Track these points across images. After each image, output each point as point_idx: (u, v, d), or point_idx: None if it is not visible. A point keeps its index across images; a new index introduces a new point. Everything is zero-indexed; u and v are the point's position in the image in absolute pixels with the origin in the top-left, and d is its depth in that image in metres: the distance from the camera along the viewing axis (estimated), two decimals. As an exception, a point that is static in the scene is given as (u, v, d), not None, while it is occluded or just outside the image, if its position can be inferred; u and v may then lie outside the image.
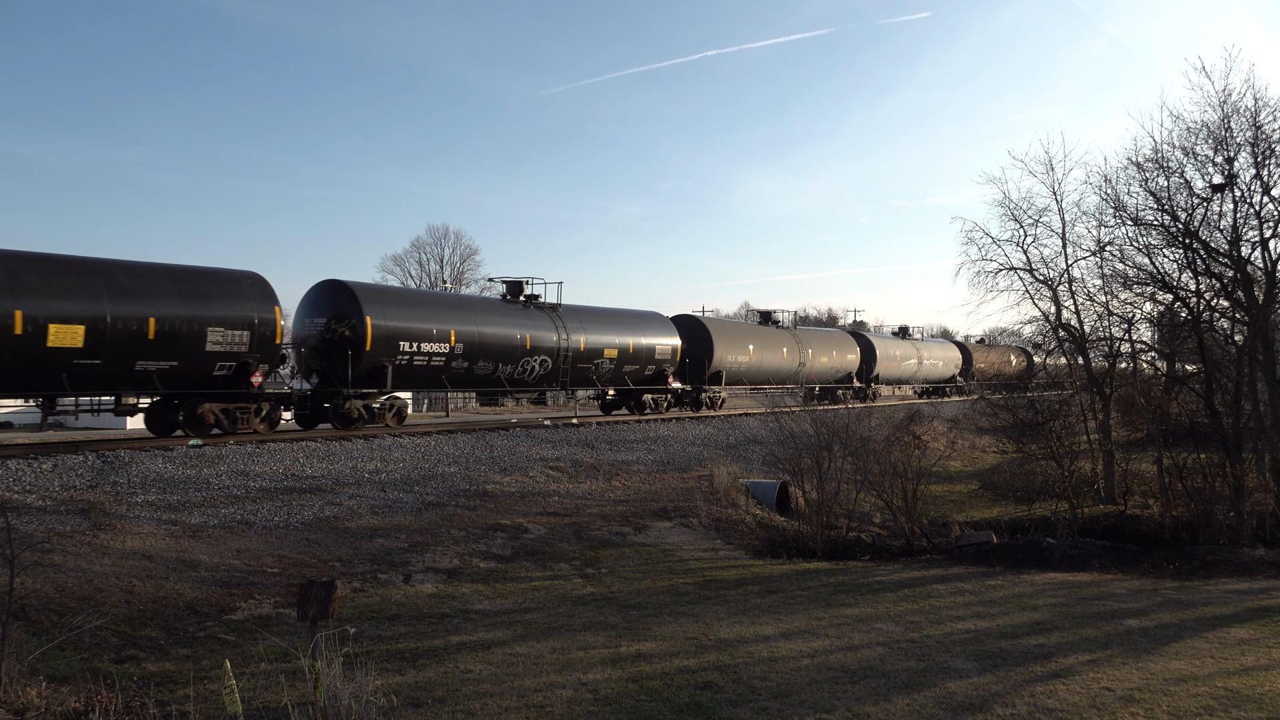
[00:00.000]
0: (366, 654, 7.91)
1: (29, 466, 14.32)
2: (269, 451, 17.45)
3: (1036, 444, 22.56)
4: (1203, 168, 20.90)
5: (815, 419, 20.01)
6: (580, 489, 18.67)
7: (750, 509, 18.98)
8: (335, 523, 13.68)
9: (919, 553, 16.40)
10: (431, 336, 23.00)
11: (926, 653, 8.74)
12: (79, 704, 6.45)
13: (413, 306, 23.24)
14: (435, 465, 18.56)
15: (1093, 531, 18.10)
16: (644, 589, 11.98)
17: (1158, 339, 26.24)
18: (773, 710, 6.99)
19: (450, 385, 24.47)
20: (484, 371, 24.87)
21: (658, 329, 31.82)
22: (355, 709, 6.20)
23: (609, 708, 7.03)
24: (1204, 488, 18.76)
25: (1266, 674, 8.07)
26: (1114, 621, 10.29)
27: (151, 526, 12.19)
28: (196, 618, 9.24)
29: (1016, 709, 7.06)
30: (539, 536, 14.43)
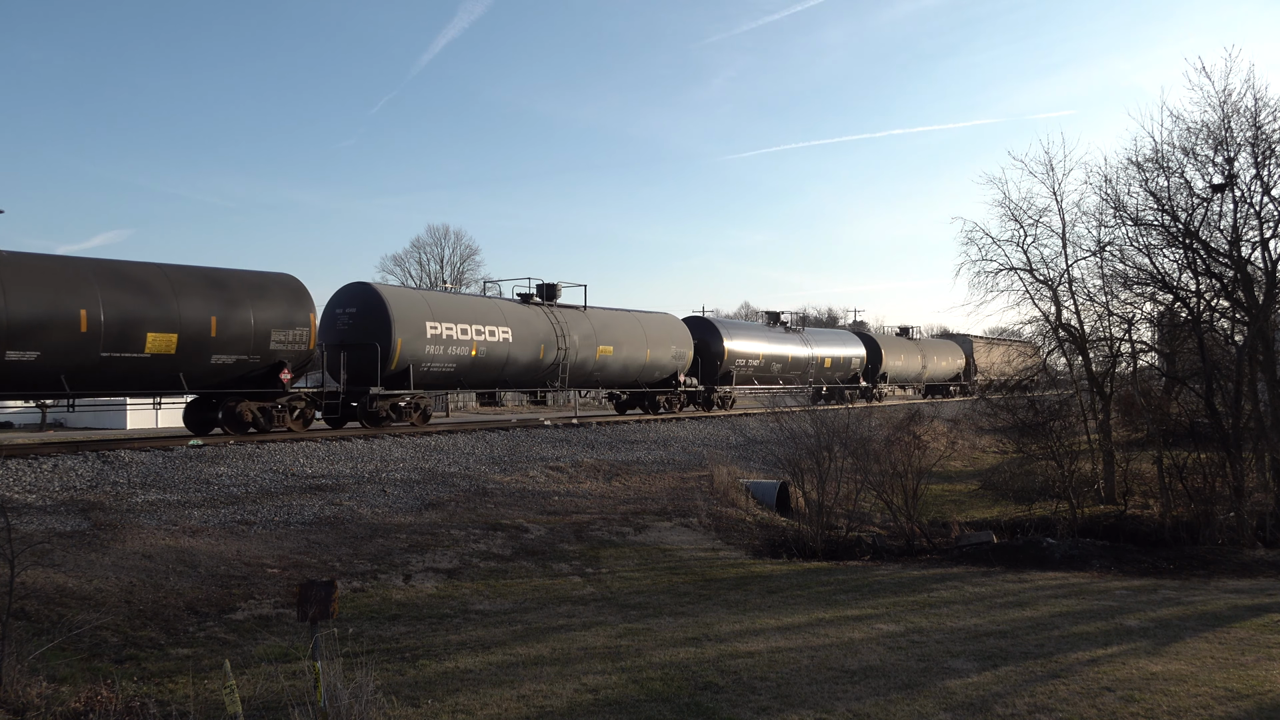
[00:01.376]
0: (366, 654, 7.91)
1: (29, 466, 14.33)
2: (269, 451, 17.46)
3: (1036, 444, 22.58)
4: (1203, 168, 20.93)
5: (815, 419, 20.02)
6: (581, 489, 18.68)
7: (750, 509, 18.99)
8: (335, 523, 13.69)
9: (919, 553, 16.40)
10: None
11: (926, 652, 8.74)
12: (79, 704, 6.45)
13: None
14: (435, 465, 18.56)
15: (1093, 531, 18.11)
16: (644, 589, 11.98)
17: (1158, 339, 26.26)
18: (773, 710, 6.99)
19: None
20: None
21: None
22: (355, 709, 6.20)
23: (609, 708, 7.03)
24: (1204, 488, 18.77)
25: (1267, 673, 8.07)
26: (1114, 621, 10.29)
27: (151, 526, 12.20)
28: (196, 618, 9.25)
29: (1016, 709, 7.06)
30: (539, 536, 14.44)
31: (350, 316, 22.44)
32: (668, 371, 31.61)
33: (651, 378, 31.10)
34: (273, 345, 19.32)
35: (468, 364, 23.79)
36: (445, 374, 23.48)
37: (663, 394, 32.22)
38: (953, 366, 56.95)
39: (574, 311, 28.08)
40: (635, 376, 30.28)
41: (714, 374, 34.10)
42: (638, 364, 29.94)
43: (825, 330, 48.74)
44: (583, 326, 27.82)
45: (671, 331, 31.98)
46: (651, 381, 31.28)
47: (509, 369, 24.99)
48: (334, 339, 22.34)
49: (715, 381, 34.31)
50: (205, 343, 18.10)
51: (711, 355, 34.02)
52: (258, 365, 19.28)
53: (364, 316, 22.19)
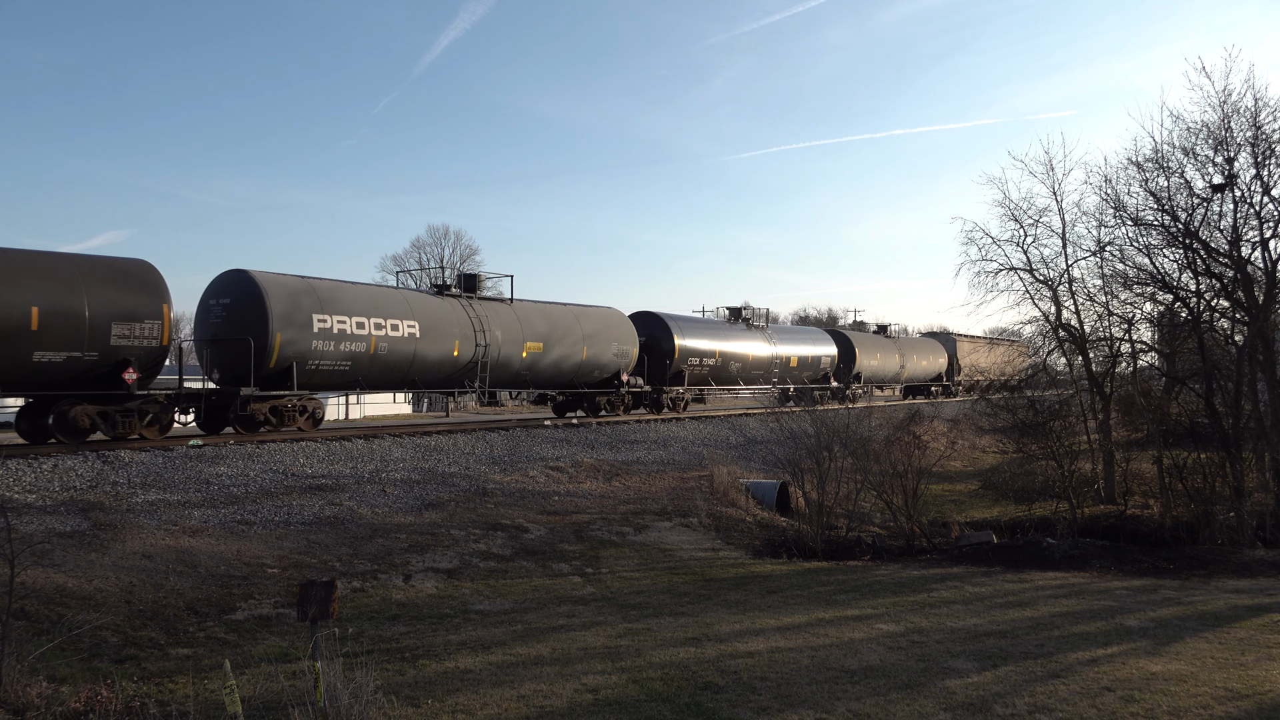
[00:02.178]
0: (366, 654, 7.91)
1: (29, 466, 14.33)
2: (269, 451, 17.47)
3: (1036, 444, 22.59)
4: (1203, 168, 20.94)
5: (815, 419, 20.02)
6: (580, 489, 18.68)
7: (750, 509, 18.99)
8: (335, 523, 13.69)
9: (919, 553, 16.40)
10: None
11: (926, 652, 8.74)
12: (79, 704, 6.45)
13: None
14: (435, 465, 18.56)
15: (1093, 531, 18.11)
16: (644, 589, 11.98)
17: (1158, 339, 26.27)
18: (773, 710, 6.99)
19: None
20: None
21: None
22: (355, 709, 6.20)
23: (609, 708, 7.03)
24: (1204, 488, 18.78)
25: (1267, 673, 8.08)
26: (1114, 621, 10.29)
27: (151, 526, 12.19)
28: (196, 618, 9.25)
29: (1016, 709, 7.06)
30: (539, 536, 14.44)
31: (224, 308, 19.75)
32: (609, 371, 28.91)
33: (590, 378, 28.43)
34: (114, 341, 16.89)
35: (366, 361, 21.24)
36: (339, 373, 20.89)
37: (604, 395, 29.43)
38: (934, 366, 54.68)
39: (498, 305, 25.46)
40: (570, 376, 27.69)
41: (663, 374, 31.51)
42: (572, 362, 27.31)
43: (794, 328, 45.49)
44: (507, 321, 25.08)
45: (613, 327, 29.17)
46: (590, 382, 28.61)
47: (417, 367, 22.47)
48: (206, 334, 19.97)
49: (665, 382, 31.68)
50: (23, 338, 15.67)
51: (661, 353, 31.50)
52: (96, 364, 16.81)
53: (238, 308, 19.47)
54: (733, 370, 35.32)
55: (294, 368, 19.80)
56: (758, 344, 37.02)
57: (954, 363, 56.49)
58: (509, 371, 25.19)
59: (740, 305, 38.38)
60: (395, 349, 21.82)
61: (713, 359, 33.80)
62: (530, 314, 26.23)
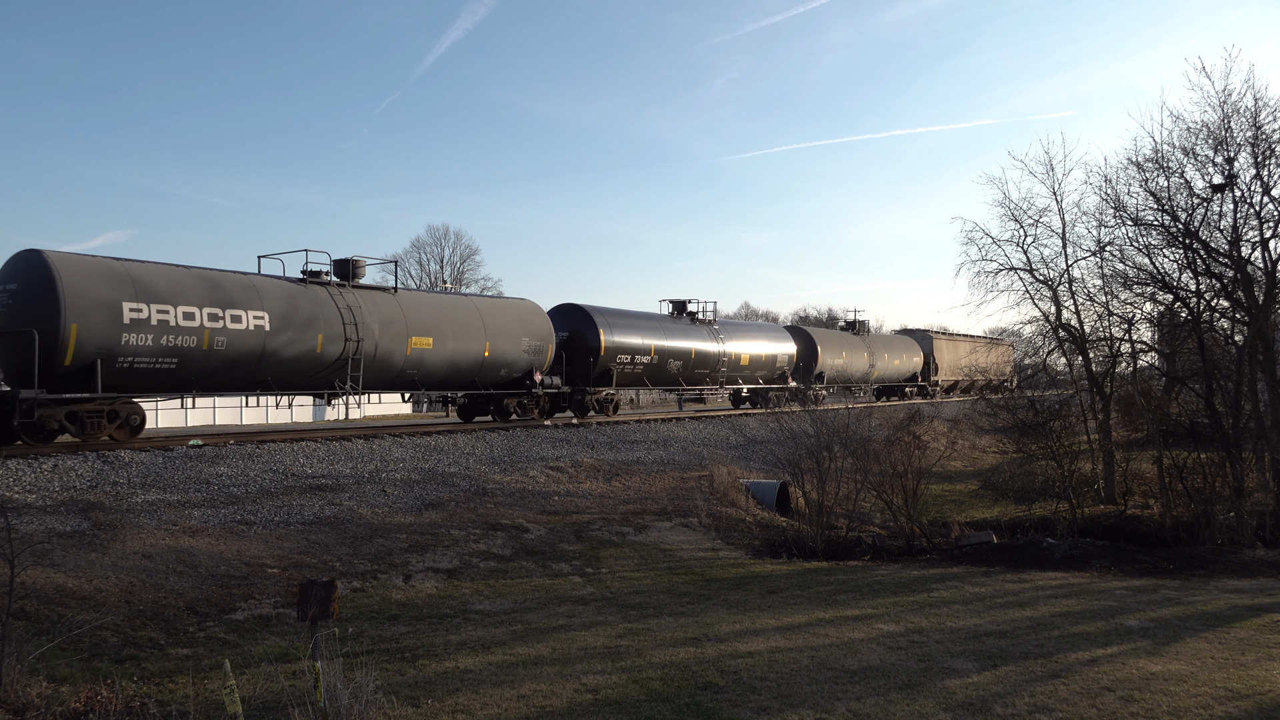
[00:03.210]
0: (366, 654, 7.92)
1: (29, 466, 14.33)
2: (269, 451, 17.48)
3: (1036, 444, 22.60)
4: (1203, 168, 20.96)
5: (815, 419, 20.04)
6: (580, 488, 18.69)
7: (750, 509, 19.00)
8: (335, 523, 13.69)
9: (919, 553, 16.41)
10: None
11: (926, 652, 8.74)
12: (79, 704, 6.45)
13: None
14: (435, 465, 18.57)
15: (1093, 531, 18.12)
16: (644, 588, 11.98)
17: (1158, 339, 26.29)
18: (773, 710, 7.00)
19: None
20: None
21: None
22: (355, 709, 6.20)
23: (609, 708, 7.03)
24: (1204, 488, 18.78)
25: (1267, 673, 8.08)
26: (1114, 621, 10.29)
27: (151, 526, 12.20)
28: (196, 618, 9.25)
29: (1016, 709, 7.06)
30: (539, 536, 14.44)
31: (9, 295, 16.57)
32: (519, 369, 25.57)
33: (495, 377, 25.11)
34: None
35: (198, 359, 17.87)
36: (162, 372, 17.58)
37: (514, 397, 26.17)
38: (908, 365, 51.37)
39: (378, 295, 22.07)
40: (471, 376, 24.39)
41: (588, 373, 28.24)
42: (471, 360, 24.05)
43: (747, 323, 41.55)
44: (389, 313, 21.79)
45: (525, 321, 25.91)
46: (497, 382, 25.32)
47: (269, 366, 19.19)
48: None
49: (590, 382, 28.47)
50: None
51: (585, 350, 28.17)
52: None
53: (25, 295, 16.33)
54: (672, 369, 32.03)
55: (98, 366, 16.50)
56: (703, 341, 33.70)
57: (931, 362, 53.57)
58: (390, 370, 21.95)
59: (685, 299, 34.90)
60: (237, 344, 18.35)
61: (647, 357, 30.45)
62: (418, 305, 23.01)
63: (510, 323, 25.37)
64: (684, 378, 32.98)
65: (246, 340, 18.69)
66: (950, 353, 56.32)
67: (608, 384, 29.20)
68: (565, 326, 28.41)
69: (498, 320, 25.01)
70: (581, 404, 28.86)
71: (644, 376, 30.92)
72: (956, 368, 56.66)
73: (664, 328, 32.15)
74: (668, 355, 31.55)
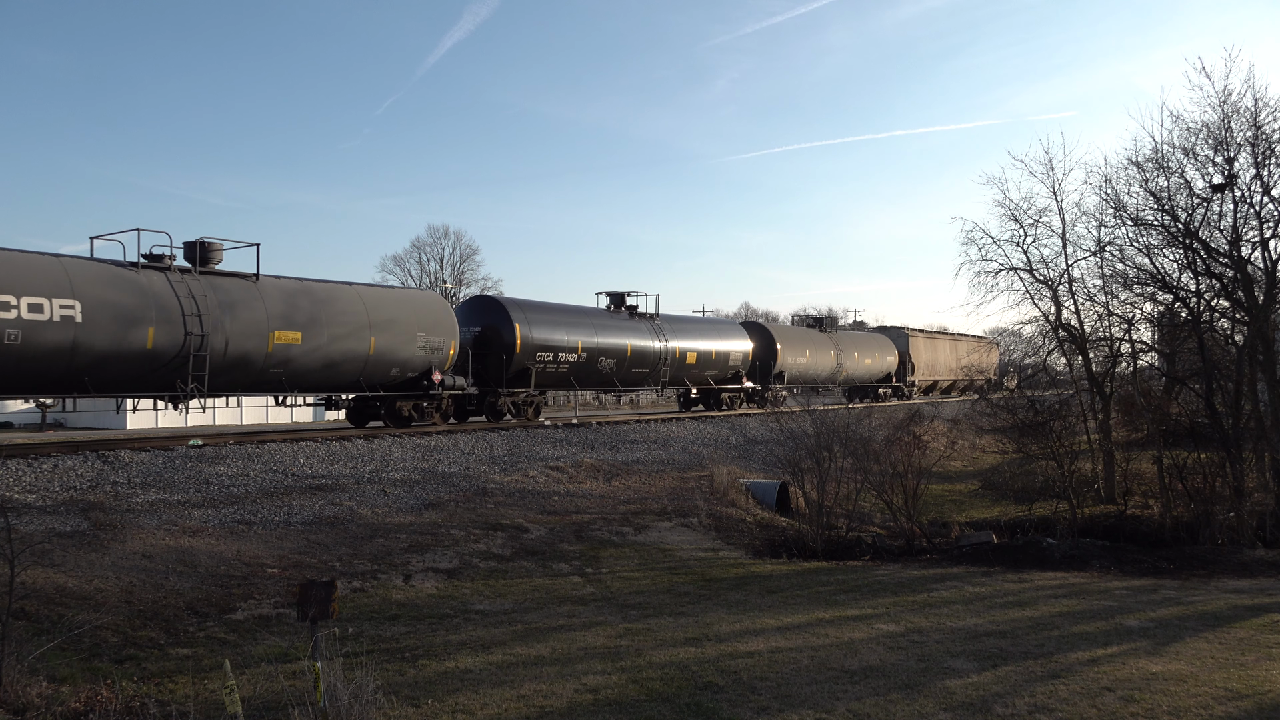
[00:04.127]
0: (366, 654, 7.92)
1: (29, 466, 14.33)
2: (269, 451, 17.48)
3: (1036, 444, 22.61)
4: (1203, 168, 20.97)
5: (815, 419, 20.04)
6: (581, 489, 18.69)
7: (750, 509, 19.00)
8: (335, 523, 13.69)
9: (919, 553, 16.40)
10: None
11: (926, 652, 8.74)
12: (79, 704, 6.45)
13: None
14: (435, 465, 18.57)
15: (1093, 531, 18.13)
16: (644, 589, 11.98)
17: (1158, 339, 26.30)
18: (773, 710, 7.00)
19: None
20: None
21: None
22: (355, 709, 6.20)
23: (609, 708, 7.03)
24: (1204, 488, 18.78)
25: (1267, 673, 8.08)
26: (1114, 621, 10.29)
27: (151, 526, 12.20)
28: (196, 618, 9.25)
29: (1016, 709, 7.06)
30: (539, 536, 14.44)
31: None
32: (415, 368, 22.61)
33: (385, 377, 22.05)
34: None
35: None
36: None
37: (409, 399, 23.08)
38: (881, 365, 48.14)
39: (234, 282, 18.94)
40: (354, 375, 21.35)
41: (502, 373, 25.27)
42: (354, 357, 20.98)
43: (696, 319, 37.70)
44: (246, 303, 18.71)
45: (421, 314, 22.96)
46: (388, 382, 22.28)
47: (83, 363, 16.32)
48: None
49: (506, 383, 25.44)
50: None
51: (499, 347, 25.21)
52: None
53: None
54: (604, 369, 28.99)
55: None
56: (642, 337, 30.58)
57: (906, 361, 50.51)
58: (249, 369, 18.94)
59: (624, 291, 32.11)
60: (36, 338, 15.59)
61: (573, 355, 27.37)
62: (284, 294, 19.85)
63: (403, 316, 22.43)
64: (619, 378, 29.88)
65: (49, 334, 15.77)
66: (929, 352, 53.79)
67: (525, 385, 26.32)
68: (478, 321, 25.85)
69: (387, 313, 22.03)
70: (494, 407, 26.03)
71: (570, 377, 27.92)
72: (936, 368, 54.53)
73: (595, 323, 29.18)
74: (599, 353, 28.51)
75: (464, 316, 25.89)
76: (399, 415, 23.09)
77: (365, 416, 23.66)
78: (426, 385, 22.89)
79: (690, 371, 33.12)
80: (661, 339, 31.39)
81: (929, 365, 53.55)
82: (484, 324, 25.76)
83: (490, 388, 25.46)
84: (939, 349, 55.36)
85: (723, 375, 35.10)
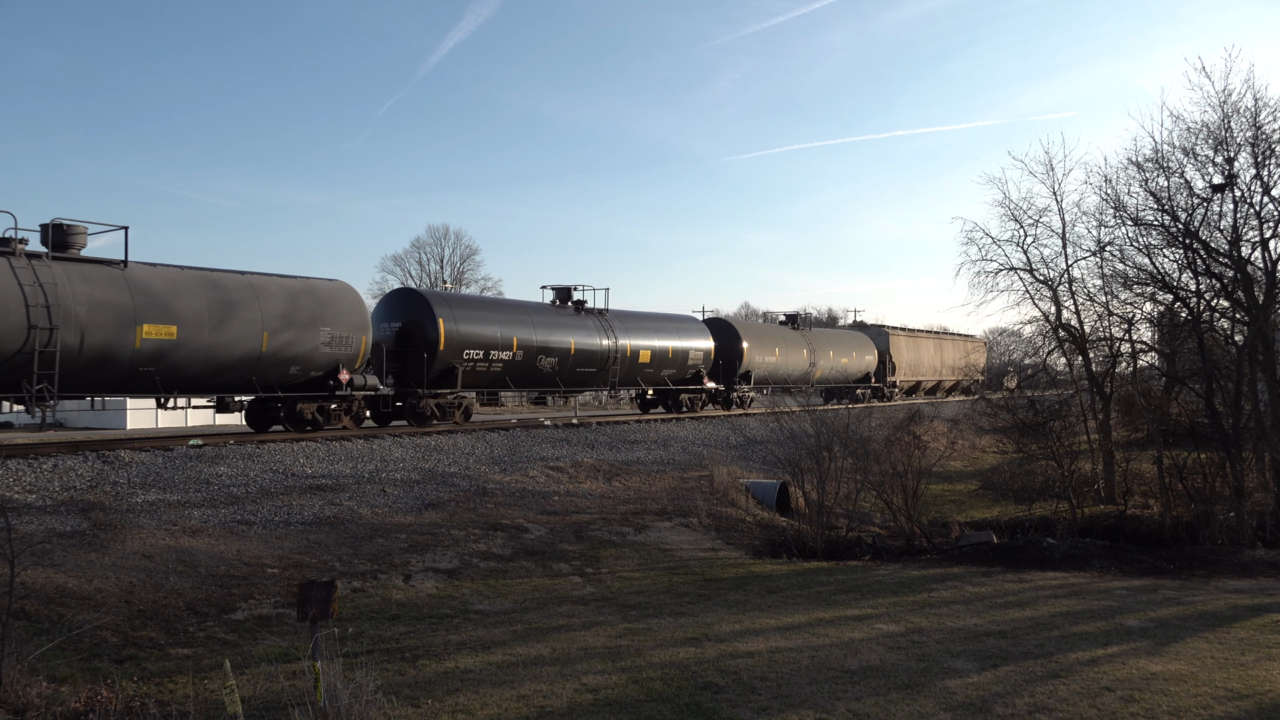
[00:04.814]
0: (366, 654, 7.92)
1: (29, 466, 14.33)
2: (269, 451, 17.47)
3: (1036, 444, 22.62)
4: (1203, 168, 20.99)
5: (815, 419, 20.05)
6: (581, 489, 18.69)
7: (750, 509, 19.00)
8: (335, 523, 13.69)
9: (919, 553, 16.41)
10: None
11: (926, 652, 8.74)
12: (79, 704, 6.45)
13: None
14: (435, 465, 18.57)
15: (1093, 531, 18.13)
16: (644, 589, 11.98)
17: (1158, 339, 26.31)
18: (773, 710, 7.00)
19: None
20: None
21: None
22: (355, 709, 6.20)
23: (609, 708, 7.03)
24: (1204, 488, 18.79)
25: (1267, 673, 8.08)
26: (1114, 621, 10.29)
27: (151, 526, 12.20)
28: (196, 618, 9.25)
29: (1016, 709, 7.06)
30: (539, 536, 14.44)
31: None
32: (318, 366, 20.37)
33: (283, 375, 19.92)
34: None
35: None
36: None
37: (312, 401, 20.77)
38: (859, 365, 45.38)
39: (95, 269, 16.98)
40: (245, 374, 19.18)
41: (423, 372, 23.17)
42: (242, 354, 18.79)
43: (652, 315, 33.69)
44: (109, 293, 16.81)
45: (324, 306, 20.65)
46: (286, 382, 20.10)
47: None
48: None
49: (429, 383, 23.36)
50: None
51: (421, 344, 23.25)
52: None
53: None
54: (545, 368, 26.66)
55: None
56: (589, 334, 28.38)
57: (886, 361, 48.18)
58: (113, 367, 16.98)
59: (570, 285, 30.00)
60: None
61: (508, 352, 25.11)
62: (158, 284, 17.78)
63: (303, 308, 20.26)
64: (562, 378, 27.63)
65: None
66: (910, 351, 51.60)
67: (451, 385, 24.02)
68: (399, 316, 23.82)
69: (284, 305, 19.84)
70: (416, 410, 23.68)
71: (505, 377, 25.61)
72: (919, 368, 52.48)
73: (535, 319, 26.82)
74: (538, 351, 26.21)
75: (384, 311, 24.27)
76: (300, 418, 20.72)
77: (267, 420, 21.48)
78: (333, 385, 20.85)
79: (644, 371, 30.88)
80: (611, 336, 29.15)
81: (911, 365, 51.53)
82: (405, 319, 23.73)
83: (409, 388, 23.40)
84: (922, 348, 53.34)
85: (681, 375, 32.88)
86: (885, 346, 48.38)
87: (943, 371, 55.57)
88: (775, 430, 22.32)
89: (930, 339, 56.13)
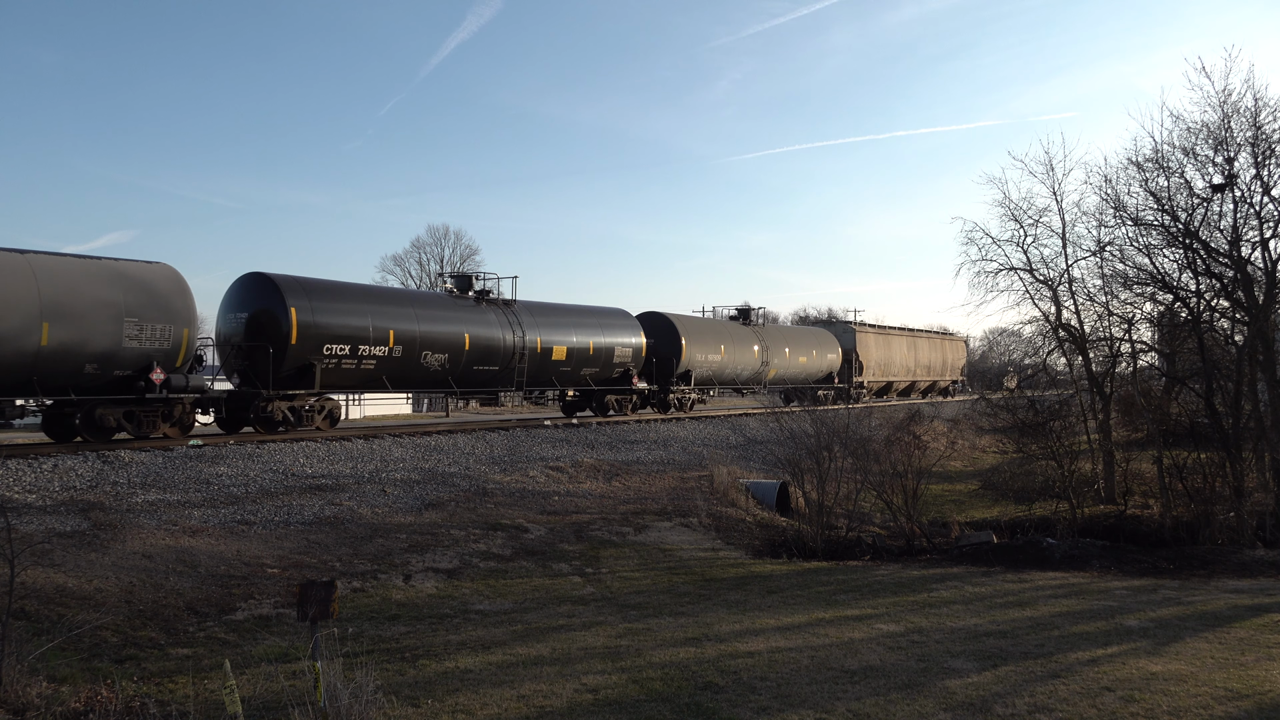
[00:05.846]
0: (366, 654, 7.92)
1: (29, 466, 14.33)
2: (269, 451, 17.47)
3: (1036, 444, 22.62)
4: (1203, 168, 20.98)
5: (815, 419, 20.05)
6: (581, 489, 18.69)
7: (750, 509, 19.00)
8: (335, 523, 13.69)
9: (919, 553, 16.40)
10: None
11: (926, 652, 8.74)
12: (79, 704, 6.45)
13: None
14: (435, 465, 18.57)
15: (1093, 531, 18.13)
16: (644, 589, 11.98)
17: (1158, 339, 26.31)
18: (773, 710, 7.00)
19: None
20: None
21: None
22: (355, 709, 6.20)
23: (609, 708, 7.03)
24: (1204, 488, 18.79)
25: (1267, 673, 8.08)
26: (1114, 621, 10.29)
27: (151, 526, 12.20)
28: (196, 618, 9.25)
29: (1016, 709, 7.06)
30: (539, 536, 14.44)
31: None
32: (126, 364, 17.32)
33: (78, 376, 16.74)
34: None
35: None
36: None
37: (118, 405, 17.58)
38: (820, 364, 41.11)
39: None
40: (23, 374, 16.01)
41: (269, 370, 19.61)
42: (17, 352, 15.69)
43: (571, 308, 29.39)
44: None
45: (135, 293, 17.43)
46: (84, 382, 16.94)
47: None
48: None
49: (278, 383, 19.87)
50: None
51: (272, 338, 19.69)
52: None
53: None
54: (432, 366, 23.03)
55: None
56: (490, 327, 24.70)
57: (853, 360, 44.18)
58: None
59: (472, 273, 26.86)
60: None
61: (383, 348, 21.54)
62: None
63: (101, 296, 16.87)
64: (454, 377, 23.89)
65: None
66: (880, 349, 47.74)
67: (308, 385, 20.42)
68: (247, 306, 20.21)
69: (74, 291, 16.48)
70: (264, 415, 20.09)
71: (381, 376, 21.97)
72: (890, 367, 48.92)
73: (419, 310, 23.23)
74: (423, 346, 22.54)
75: (232, 300, 20.62)
76: (102, 425, 17.41)
77: (67, 429, 18.06)
78: (143, 387, 17.69)
79: (559, 370, 27.25)
80: (517, 330, 25.41)
81: (881, 364, 47.67)
82: (255, 309, 20.08)
83: (253, 388, 19.94)
84: (894, 346, 49.63)
85: (606, 375, 29.18)
86: (851, 344, 44.55)
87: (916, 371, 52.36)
88: (775, 430, 22.32)
89: (904, 336, 51.87)
